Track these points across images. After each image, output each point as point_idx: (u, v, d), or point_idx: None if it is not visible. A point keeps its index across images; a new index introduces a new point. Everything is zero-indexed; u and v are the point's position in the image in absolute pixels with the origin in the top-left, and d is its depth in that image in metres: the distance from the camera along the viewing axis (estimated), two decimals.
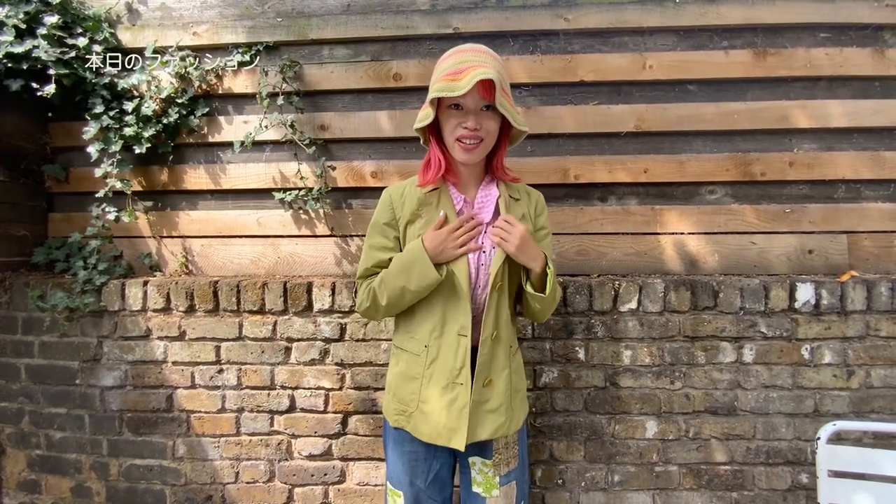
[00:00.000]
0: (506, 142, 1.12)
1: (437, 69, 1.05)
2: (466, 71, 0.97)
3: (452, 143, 1.04)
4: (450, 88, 0.97)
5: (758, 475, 1.54)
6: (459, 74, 0.98)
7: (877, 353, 1.52)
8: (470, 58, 1.01)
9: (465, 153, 1.04)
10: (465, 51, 1.04)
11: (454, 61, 1.02)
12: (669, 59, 1.65)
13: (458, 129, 1.02)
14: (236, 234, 1.78)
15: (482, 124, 1.02)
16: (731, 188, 1.69)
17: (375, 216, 1.13)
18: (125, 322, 1.63)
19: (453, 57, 1.03)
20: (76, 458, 1.66)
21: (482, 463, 1.09)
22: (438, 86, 1.00)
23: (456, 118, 1.02)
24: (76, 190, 1.82)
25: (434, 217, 1.06)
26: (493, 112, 1.03)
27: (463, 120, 1.01)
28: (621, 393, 1.55)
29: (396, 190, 1.12)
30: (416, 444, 1.09)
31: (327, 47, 1.74)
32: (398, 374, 1.11)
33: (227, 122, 1.76)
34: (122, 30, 1.77)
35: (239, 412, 1.61)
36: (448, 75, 0.99)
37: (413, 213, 1.08)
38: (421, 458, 1.09)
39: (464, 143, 1.03)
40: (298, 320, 1.59)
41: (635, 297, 1.54)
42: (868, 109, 1.65)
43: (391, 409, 1.11)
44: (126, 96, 1.71)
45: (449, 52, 1.07)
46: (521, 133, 1.09)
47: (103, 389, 1.64)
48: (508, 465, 1.10)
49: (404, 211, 1.09)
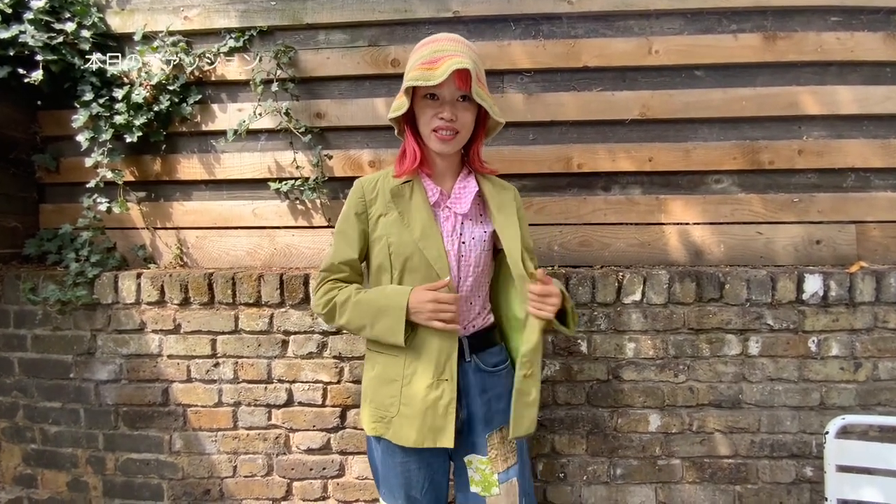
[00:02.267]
0: (482, 133, 1.10)
1: (411, 58, 1.04)
2: (442, 60, 0.96)
3: (428, 134, 1.03)
4: (425, 78, 0.96)
5: (762, 468, 1.52)
6: (435, 63, 0.96)
7: (885, 345, 1.49)
8: (446, 46, 1.00)
9: (441, 144, 1.02)
10: (441, 40, 1.02)
11: (430, 50, 1.00)
12: (676, 43, 1.60)
13: (434, 119, 1.01)
14: (231, 226, 1.74)
15: (458, 115, 1.01)
16: (738, 177, 1.65)
17: (346, 207, 1.11)
18: (119, 315, 1.59)
19: (428, 46, 1.02)
20: (72, 452, 1.64)
21: (479, 461, 1.06)
22: (413, 74, 0.98)
23: (432, 108, 1.01)
24: (67, 180, 1.77)
25: (407, 209, 1.05)
26: (470, 102, 1.02)
27: (439, 110, 1.00)
28: (624, 386, 1.52)
29: (369, 181, 1.10)
30: (407, 454, 1.05)
31: (323, 32, 1.68)
32: (374, 377, 1.08)
33: (221, 110, 1.72)
34: (111, 14, 1.72)
35: (236, 406, 1.59)
36: (423, 64, 0.98)
37: (386, 206, 1.06)
38: (414, 468, 1.05)
39: (440, 134, 1.01)
40: (295, 313, 1.56)
41: (639, 288, 1.50)
42: (879, 96, 1.60)
43: (368, 418, 1.08)
44: (116, 83, 1.67)
45: (424, 41, 1.05)
46: (498, 124, 1.08)
47: (98, 383, 1.62)
48: (507, 461, 1.07)
49: (377, 203, 1.07)
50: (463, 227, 1.08)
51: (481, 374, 1.08)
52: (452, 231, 1.07)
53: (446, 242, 1.05)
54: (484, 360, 1.09)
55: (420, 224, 1.05)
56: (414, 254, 1.03)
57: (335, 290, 1.07)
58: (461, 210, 1.07)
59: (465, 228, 1.08)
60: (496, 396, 1.08)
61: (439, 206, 1.08)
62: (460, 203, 1.08)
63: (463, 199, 1.08)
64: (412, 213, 1.06)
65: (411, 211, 1.06)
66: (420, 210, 1.06)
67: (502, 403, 1.07)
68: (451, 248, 1.05)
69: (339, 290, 1.07)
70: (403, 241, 1.04)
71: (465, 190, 1.09)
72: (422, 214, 1.05)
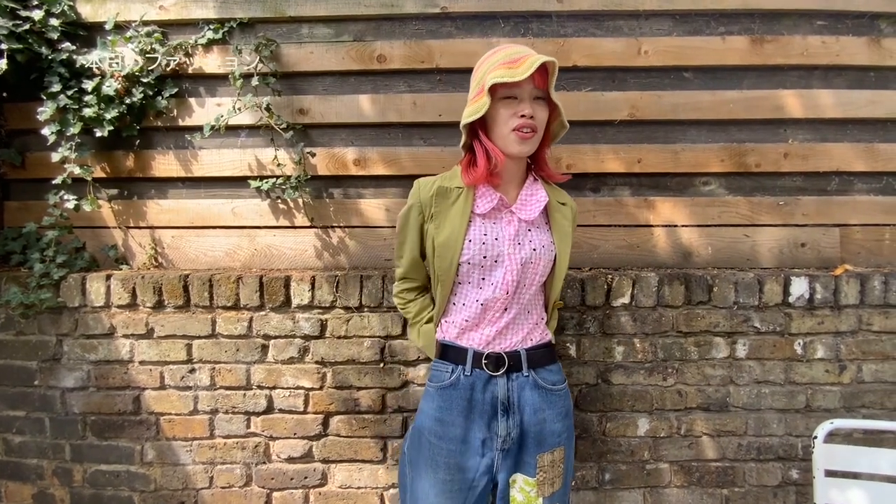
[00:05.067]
0: (548, 137, 1.08)
1: (485, 63, 1.02)
2: (523, 59, 0.96)
3: (507, 135, 1.00)
4: (510, 75, 0.95)
5: (748, 472, 1.52)
6: (516, 63, 0.96)
7: (869, 347, 1.50)
8: (520, 49, 1.00)
9: (521, 143, 1.00)
10: (513, 45, 1.04)
11: (506, 52, 1.00)
12: (665, 44, 1.59)
13: (514, 118, 0.99)
14: (210, 225, 1.67)
15: (536, 113, 1.00)
16: (726, 179, 1.65)
17: (406, 207, 1.11)
18: (86, 319, 1.51)
19: (503, 50, 1.01)
20: (37, 463, 1.56)
21: (524, 481, 1.01)
22: (497, 72, 0.96)
23: (510, 108, 0.99)
24: (33, 176, 1.68)
25: (444, 213, 1.04)
26: (544, 103, 1.01)
27: (518, 109, 0.98)
28: (613, 390, 1.50)
29: (426, 185, 1.09)
30: (452, 472, 1.01)
31: (307, 25, 1.63)
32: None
33: (199, 105, 1.64)
34: (81, 2, 1.63)
35: (212, 414, 1.52)
36: (504, 64, 0.96)
37: (433, 210, 1.05)
38: (456, 488, 1.01)
39: (521, 133, 0.98)
40: (276, 316, 1.50)
41: (628, 291, 1.49)
42: (863, 100, 1.62)
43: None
44: (86, 74, 1.58)
45: (492, 50, 1.04)
46: (563, 128, 1.07)
47: (64, 391, 1.53)
48: (553, 485, 1.02)
49: (425, 207, 1.07)
50: (531, 233, 1.05)
51: (539, 390, 1.04)
52: (515, 235, 1.03)
53: (507, 246, 1.02)
54: (543, 377, 1.05)
55: (448, 231, 1.03)
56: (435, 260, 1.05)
57: (403, 304, 1.19)
58: (527, 216, 1.04)
59: (534, 235, 1.05)
60: (552, 417, 1.04)
61: (500, 211, 1.05)
62: (527, 209, 1.05)
63: (530, 205, 1.05)
64: (447, 218, 1.04)
65: (447, 215, 1.04)
66: (455, 217, 1.03)
67: (558, 425, 1.04)
68: (514, 252, 1.02)
69: (406, 303, 1.18)
70: (436, 244, 1.04)
71: (534, 197, 1.06)
72: (454, 222, 1.03)
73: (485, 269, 1.02)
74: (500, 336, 1.03)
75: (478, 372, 1.02)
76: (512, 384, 1.02)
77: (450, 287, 1.05)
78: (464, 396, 1.02)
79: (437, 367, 1.08)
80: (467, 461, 1.01)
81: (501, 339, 1.03)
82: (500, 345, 1.03)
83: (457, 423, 1.02)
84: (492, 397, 1.02)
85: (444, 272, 1.03)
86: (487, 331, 1.03)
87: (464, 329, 1.05)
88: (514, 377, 1.03)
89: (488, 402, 1.02)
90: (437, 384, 1.06)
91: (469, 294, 1.05)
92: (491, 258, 1.02)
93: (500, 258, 1.01)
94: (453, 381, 1.03)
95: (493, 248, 1.02)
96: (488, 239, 1.02)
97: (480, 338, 1.04)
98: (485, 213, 1.04)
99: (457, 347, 1.05)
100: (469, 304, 1.04)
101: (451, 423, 1.02)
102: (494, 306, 1.03)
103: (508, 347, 1.03)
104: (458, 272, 1.03)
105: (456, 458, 1.01)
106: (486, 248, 1.02)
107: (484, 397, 1.02)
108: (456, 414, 1.02)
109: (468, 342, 1.04)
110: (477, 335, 1.04)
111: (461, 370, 1.03)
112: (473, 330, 1.05)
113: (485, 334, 1.03)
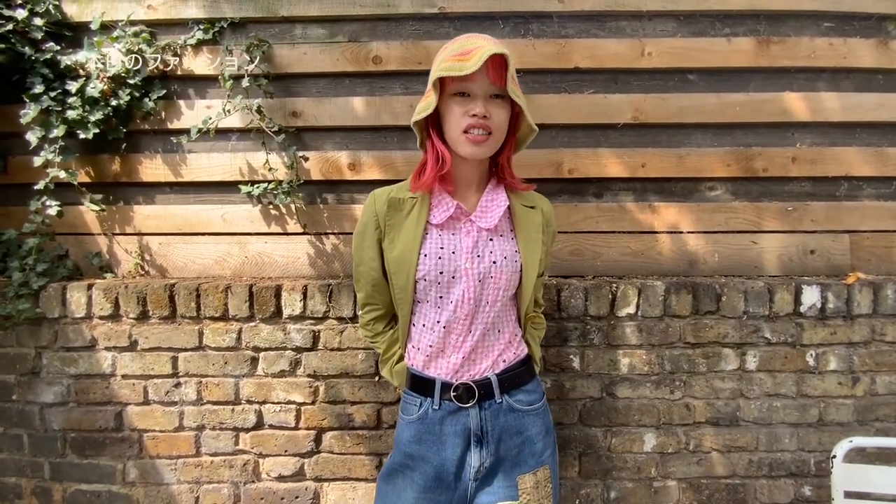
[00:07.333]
0: (512, 141, 0.99)
1: (438, 57, 0.94)
2: (474, 51, 0.86)
3: (457, 136, 0.91)
4: (457, 68, 0.85)
5: (760, 489, 1.46)
6: (467, 55, 0.86)
7: (882, 358, 1.45)
8: (476, 41, 0.90)
9: (472, 146, 0.90)
10: (472, 36, 0.93)
11: (460, 43, 0.91)
12: (669, 45, 1.55)
13: (465, 118, 0.90)
14: (199, 232, 1.60)
15: (491, 112, 0.89)
16: (732, 184, 1.60)
17: (361, 224, 1.02)
18: (67, 331, 1.44)
19: (458, 41, 0.93)
20: (15, 482, 1.48)
21: None
22: (443, 66, 0.88)
23: (461, 106, 0.90)
24: (15, 181, 1.61)
25: (397, 226, 0.95)
26: (504, 101, 0.91)
27: (470, 107, 0.89)
28: (618, 404, 1.44)
29: (381, 196, 0.99)
30: (419, 491, 0.95)
31: (300, 26, 1.58)
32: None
33: (188, 107, 1.59)
34: (67, 1, 1.58)
35: (199, 430, 1.45)
36: (454, 56, 0.88)
37: (386, 224, 0.96)
38: None
39: (472, 135, 0.89)
40: (266, 327, 1.44)
41: (634, 300, 1.43)
42: (871, 103, 1.58)
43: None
44: (70, 75, 1.52)
45: (453, 39, 0.95)
46: (531, 131, 0.98)
47: (43, 406, 1.46)
48: None
49: (381, 221, 0.98)
50: (492, 243, 0.96)
51: (514, 414, 0.97)
52: (474, 247, 0.94)
53: (464, 260, 0.94)
54: (518, 399, 0.98)
55: (402, 245, 0.95)
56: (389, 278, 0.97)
57: (371, 336, 1.09)
58: (487, 224, 0.95)
59: (496, 245, 0.96)
60: (532, 438, 0.97)
61: (459, 220, 0.97)
62: (486, 216, 0.96)
63: (490, 212, 0.96)
64: (401, 231, 0.96)
65: (402, 228, 0.96)
66: (409, 229, 0.95)
67: (538, 444, 0.97)
68: (472, 266, 0.93)
69: (373, 336, 1.08)
70: (390, 260, 0.96)
71: (494, 203, 0.97)
72: (408, 235, 0.95)
73: (442, 287, 0.94)
74: (467, 362, 0.96)
75: (447, 404, 0.95)
76: (485, 413, 0.95)
77: (409, 307, 0.98)
78: (433, 431, 0.96)
79: (406, 398, 1.01)
80: (439, 496, 0.95)
81: (470, 366, 0.96)
82: (469, 372, 0.96)
83: (426, 458, 0.96)
84: (463, 429, 0.95)
85: (400, 290, 0.96)
86: (454, 358, 0.96)
87: (430, 356, 0.98)
88: (486, 405, 0.96)
89: (460, 434, 0.95)
90: (406, 417, 1.00)
91: (429, 315, 0.97)
92: (448, 273, 0.93)
93: (457, 273, 0.93)
94: (421, 416, 0.97)
95: (451, 262, 0.93)
96: (445, 252, 0.94)
97: (448, 366, 0.96)
98: (441, 223, 0.95)
99: (424, 379, 0.98)
100: (430, 326, 0.97)
101: (421, 457, 0.96)
102: (457, 328, 0.95)
103: (479, 374, 0.96)
104: (416, 289, 0.96)
105: (428, 494, 0.95)
106: (443, 262, 0.93)
107: (455, 429, 0.95)
108: (426, 447, 0.96)
109: (436, 371, 0.97)
110: (444, 362, 0.97)
111: (430, 403, 0.96)
112: (440, 356, 0.97)
113: (451, 362, 0.96)
